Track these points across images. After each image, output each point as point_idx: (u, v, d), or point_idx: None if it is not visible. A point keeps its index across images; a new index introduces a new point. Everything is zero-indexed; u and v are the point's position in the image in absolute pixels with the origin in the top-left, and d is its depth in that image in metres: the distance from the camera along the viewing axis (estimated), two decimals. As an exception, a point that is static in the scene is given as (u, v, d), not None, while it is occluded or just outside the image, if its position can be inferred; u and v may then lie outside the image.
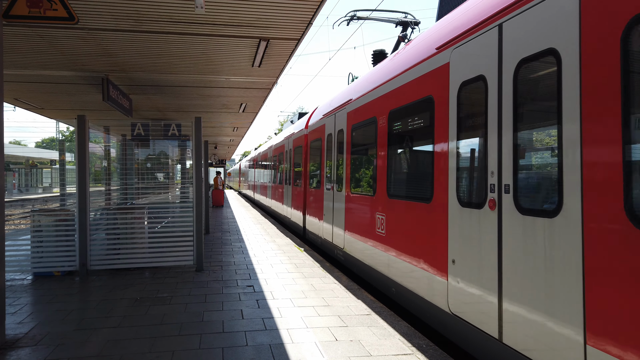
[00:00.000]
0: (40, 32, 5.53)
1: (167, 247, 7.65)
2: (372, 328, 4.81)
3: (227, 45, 6.12)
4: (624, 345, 2.49)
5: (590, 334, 2.73)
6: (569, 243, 2.92)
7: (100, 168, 9.61)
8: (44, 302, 5.78)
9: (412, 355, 4.11)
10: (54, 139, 69.53)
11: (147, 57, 6.66)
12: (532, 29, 3.36)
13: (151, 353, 4.12)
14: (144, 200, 9.40)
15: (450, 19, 4.82)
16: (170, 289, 6.46)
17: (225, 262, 8.42)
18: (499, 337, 3.59)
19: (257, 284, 6.75)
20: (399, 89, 5.73)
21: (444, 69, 4.62)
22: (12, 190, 42.22)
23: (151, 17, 5.06)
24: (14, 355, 4.08)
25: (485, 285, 3.81)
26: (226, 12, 4.93)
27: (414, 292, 5.16)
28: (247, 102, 10.35)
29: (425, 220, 4.93)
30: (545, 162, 3.35)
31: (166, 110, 11.52)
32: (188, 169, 9.63)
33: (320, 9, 4.90)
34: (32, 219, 7.44)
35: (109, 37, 5.72)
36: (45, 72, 7.45)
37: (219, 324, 4.92)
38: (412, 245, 5.26)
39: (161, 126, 8.29)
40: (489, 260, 3.78)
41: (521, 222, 3.38)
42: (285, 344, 4.33)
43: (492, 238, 3.75)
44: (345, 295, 6.13)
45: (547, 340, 3.08)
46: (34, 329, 4.79)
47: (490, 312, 3.71)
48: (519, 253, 3.40)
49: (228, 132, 17.05)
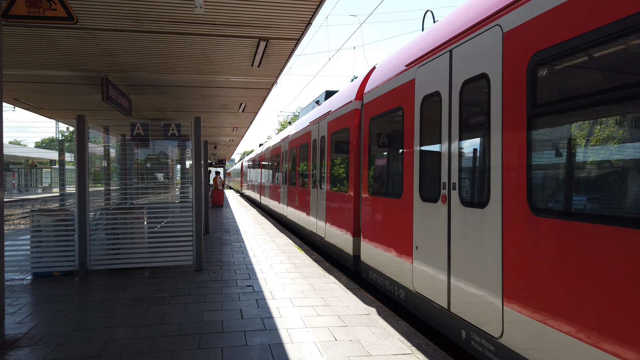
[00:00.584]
0: (40, 32, 5.53)
1: (166, 247, 7.65)
2: (371, 328, 4.81)
3: (226, 45, 6.12)
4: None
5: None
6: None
7: (99, 168, 9.61)
8: (44, 302, 5.78)
9: (411, 354, 4.11)
10: (53, 139, 69.55)
11: (146, 57, 6.66)
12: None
13: (150, 353, 4.12)
14: (143, 200, 9.40)
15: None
16: (169, 288, 6.46)
17: (225, 262, 8.42)
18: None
19: (257, 283, 6.75)
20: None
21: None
22: (12, 190, 42.21)
23: (150, 17, 5.06)
24: (13, 355, 4.08)
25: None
26: (226, 12, 4.93)
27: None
28: (246, 102, 10.35)
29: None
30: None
31: (166, 110, 11.52)
32: (188, 169, 9.63)
33: (320, 9, 4.90)
34: (32, 219, 7.44)
35: (109, 37, 5.72)
36: (45, 72, 7.45)
37: (218, 323, 4.92)
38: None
39: (161, 126, 8.29)
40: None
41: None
42: (285, 344, 4.34)
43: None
44: (344, 295, 6.13)
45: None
46: (33, 329, 4.78)
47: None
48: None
49: (228, 132, 17.05)
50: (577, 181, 3.01)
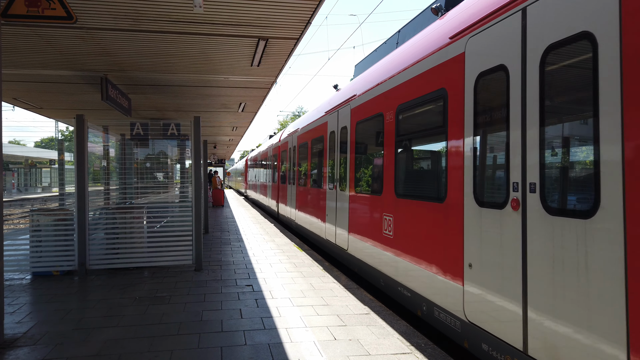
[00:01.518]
0: (39, 31, 5.53)
1: (166, 247, 7.65)
2: (370, 327, 4.81)
3: (225, 45, 6.12)
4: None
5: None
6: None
7: (99, 168, 9.60)
8: (43, 302, 5.78)
9: (410, 354, 4.11)
10: (53, 138, 69.49)
11: (145, 56, 6.65)
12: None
13: (150, 352, 4.12)
14: (143, 200, 9.39)
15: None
16: (169, 288, 6.46)
17: (225, 262, 8.42)
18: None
19: (256, 283, 6.75)
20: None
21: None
22: (12, 190, 42.19)
23: (150, 16, 5.06)
24: (13, 355, 4.08)
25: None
26: (225, 11, 4.93)
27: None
28: (246, 101, 10.35)
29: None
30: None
31: (165, 109, 11.51)
32: (187, 168, 9.62)
33: (319, 8, 4.90)
34: (31, 218, 7.43)
35: (108, 36, 5.72)
36: (44, 72, 7.44)
37: (217, 323, 4.92)
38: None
39: (160, 126, 8.28)
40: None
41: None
42: (284, 343, 4.34)
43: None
44: (344, 294, 6.13)
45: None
46: (32, 328, 4.78)
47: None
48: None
49: (227, 132, 17.04)
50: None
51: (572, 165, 2.99)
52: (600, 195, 2.66)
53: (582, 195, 2.85)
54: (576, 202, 2.88)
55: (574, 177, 2.95)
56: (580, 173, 2.92)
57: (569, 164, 3.00)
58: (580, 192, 2.89)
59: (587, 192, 2.79)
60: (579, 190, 2.89)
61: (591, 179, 2.74)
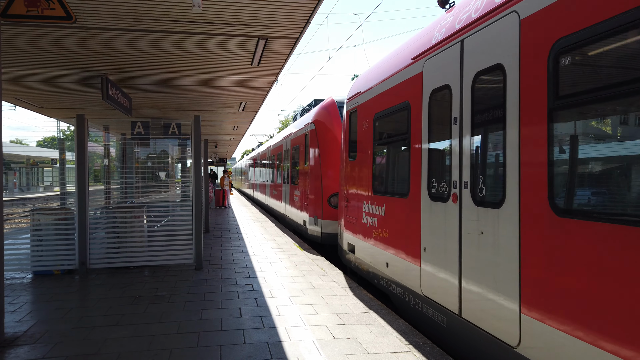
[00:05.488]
0: (39, 31, 5.54)
1: (166, 246, 7.67)
2: (369, 326, 4.82)
3: (225, 44, 6.12)
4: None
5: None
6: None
7: (100, 167, 9.63)
8: (43, 301, 5.80)
9: (409, 353, 4.12)
10: (54, 137, 69.64)
11: (146, 56, 6.66)
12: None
13: (149, 351, 4.13)
14: (143, 199, 9.41)
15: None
16: (169, 287, 6.48)
17: (225, 261, 8.43)
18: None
19: (256, 282, 6.77)
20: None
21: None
22: (13, 189, 42.32)
23: (149, 16, 5.06)
24: (13, 353, 4.10)
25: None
26: (224, 10, 4.94)
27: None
28: (246, 100, 10.35)
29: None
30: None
31: (166, 109, 11.53)
32: (188, 167, 9.64)
33: (319, 7, 4.90)
34: (32, 217, 7.46)
35: (108, 36, 5.73)
36: (45, 72, 7.46)
37: (217, 322, 4.94)
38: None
39: (161, 125, 8.29)
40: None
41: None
42: (283, 342, 4.35)
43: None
44: (343, 293, 6.14)
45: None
46: (33, 327, 4.80)
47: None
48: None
49: (228, 131, 17.05)
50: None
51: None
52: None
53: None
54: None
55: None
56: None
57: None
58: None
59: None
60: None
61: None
